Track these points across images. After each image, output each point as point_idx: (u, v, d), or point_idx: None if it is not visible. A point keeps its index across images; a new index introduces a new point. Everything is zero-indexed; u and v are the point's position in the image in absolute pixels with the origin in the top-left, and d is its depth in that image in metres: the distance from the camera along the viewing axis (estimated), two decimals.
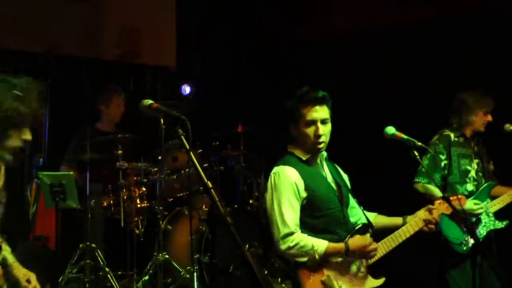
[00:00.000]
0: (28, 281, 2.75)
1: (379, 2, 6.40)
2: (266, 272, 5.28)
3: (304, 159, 3.42)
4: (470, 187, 4.55)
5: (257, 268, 2.24)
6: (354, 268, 3.35)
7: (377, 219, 3.58)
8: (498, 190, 4.63)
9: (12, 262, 2.82)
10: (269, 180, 3.41)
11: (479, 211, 4.35)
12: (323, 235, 3.32)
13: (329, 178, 3.49)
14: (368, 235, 3.36)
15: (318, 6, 6.91)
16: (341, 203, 3.45)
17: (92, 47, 8.12)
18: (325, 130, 3.35)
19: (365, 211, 3.55)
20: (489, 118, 4.57)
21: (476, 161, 4.63)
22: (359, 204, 3.56)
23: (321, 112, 3.38)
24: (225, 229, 2.23)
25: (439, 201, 3.40)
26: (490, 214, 4.47)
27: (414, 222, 3.41)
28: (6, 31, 6.33)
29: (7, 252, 2.84)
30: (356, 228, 3.40)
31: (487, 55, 5.47)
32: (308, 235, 3.28)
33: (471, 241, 3.31)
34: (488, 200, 4.55)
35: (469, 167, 4.58)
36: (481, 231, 4.36)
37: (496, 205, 4.51)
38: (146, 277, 4.93)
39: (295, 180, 3.32)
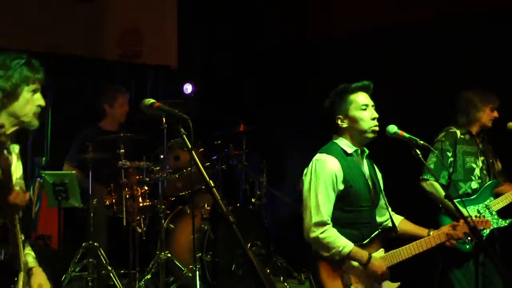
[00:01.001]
0: None
1: (378, 2, 6.32)
2: (268, 271, 5.28)
3: (348, 152, 3.42)
4: (474, 185, 4.53)
5: (259, 267, 2.23)
6: None
7: (403, 224, 3.60)
8: (502, 188, 4.60)
9: (32, 267, 2.75)
10: (310, 165, 3.40)
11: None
12: (346, 230, 3.35)
13: (367, 175, 3.48)
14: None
15: (319, 7, 6.83)
16: (372, 202, 3.48)
17: (94, 47, 8.12)
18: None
19: (392, 214, 3.57)
20: (496, 114, 4.57)
21: (481, 158, 4.60)
22: (388, 204, 3.58)
23: (369, 99, 3.45)
24: (227, 228, 2.22)
25: (463, 221, 3.38)
26: (493, 213, 4.44)
27: (438, 235, 3.43)
28: (8, 31, 6.32)
29: (30, 256, 2.78)
30: (377, 232, 3.43)
31: (487, 55, 5.40)
32: (335, 227, 3.30)
33: (474, 239, 3.29)
34: (492, 198, 4.52)
35: (474, 165, 4.56)
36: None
37: (500, 203, 4.47)
38: (149, 276, 4.93)
39: (336, 171, 3.33)
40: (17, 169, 2.71)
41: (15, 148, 2.75)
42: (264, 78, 7.09)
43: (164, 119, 5.08)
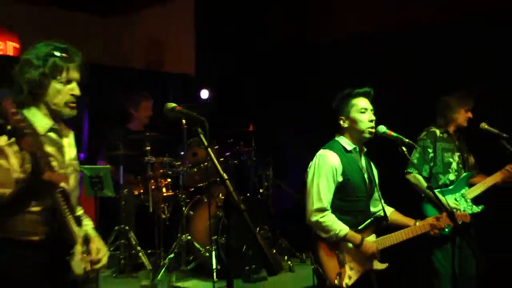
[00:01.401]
0: (98, 253, 2.59)
1: (378, 3, 6.00)
2: (274, 251, 5.30)
3: (348, 149, 3.44)
4: (452, 176, 4.56)
5: (267, 248, 2.24)
6: None
7: (393, 215, 3.62)
8: (476, 179, 4.62)
9: (93, 236, 2.67)
10: (314, 159, 3.43)
11: (457, 207, 4.37)
12: (345, 216, 3.37)
13: (364, 170, 3.50)
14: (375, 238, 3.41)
15: (319, 7, 6.56)
16: (368, 194, 3.50)
17: (123, 58, 8.17)
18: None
19: (384, 205, 3.60)
20: (470, 114, 4.58)
21: (457, 154, 4.62)
22: (382, 197, 3.60)
23: (369, 103, 3.45)
24: (239, 214, 2.24)
25: (445, 214, 3.39)
26: (468, 200, 4.46)
27: (423, 225, 3.45)
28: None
29: (88, 226, 2.71)
30: (370, 220, 3.46)
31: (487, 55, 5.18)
32: (333, 213, 3.33)
33: (452, 224, 3.31)
34: (466, 188, 4.54)
35: (451, 160, 4.58)
36: None
37: (473, 192, 4.50)
38: (172, 255, 4.95)
39: (336, 165, 3.35)
40: (70, 151, 2.64)
41: (70, 134, 2.68)
42: (267, 82, 7.00)
43: (184, 120, 5.11)
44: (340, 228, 3.30)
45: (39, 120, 2.48)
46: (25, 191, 2.26)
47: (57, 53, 2.46)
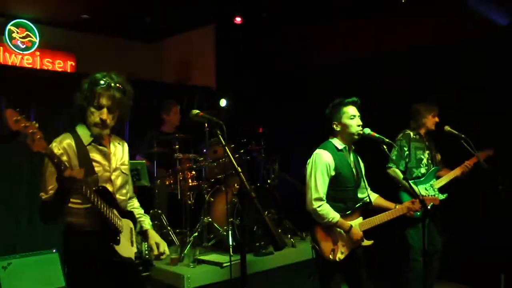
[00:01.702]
0: (158, 247, 2.70)
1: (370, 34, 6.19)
2: (279, 230, 5.27)
3: (339, 148, 3.40)
4: (422, 170, 4.57)
5: (273, 228, 2.23)
6: None
7: (377, 200, 3.60)
8: (442, 172, 4.63)
9: (147, 230, 2.77)
10: (312, 157, 3.40)
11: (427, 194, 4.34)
12: (338, 203, 3.36)
13: (352, 165, 3.46)
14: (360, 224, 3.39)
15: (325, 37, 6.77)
16: (355, 184, 3.46)
17: (159, 74, 8.21)
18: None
19: (370, 192, 3.59)
20: (436, 119, 4.60)
21: (427, 152, 4.63)
22: (368, 186, 3.59)
23: (356, 111, 3.42)
24: (251, 200, 2.21)
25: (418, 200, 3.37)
26: (436, 189, 4.49)
27: (401, 208, 3.44)
28: (102, 66, 6.41)
29: (145, 222, 2.81)
30: (358, 205, 3.44)
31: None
32: (328, 202, 3.31)
33: (422, 208, 3.33)
34: (434, 179, 4.56)
35: (422, 156, 4.59)
36: None
37: (439, 183, 4.52)
38: (196, 234, 4.93)
39: (329, 162, 3.32)
40: (117, 158, 2.67)
41: (124, 144, 2.76)
42: (275, 93, 7.04)
43: (206, 124, 5.07)
44: (333, 216, 3.28)
45: (85, 134, 2.55)
46: (59, 189, 2.29)
47: (97, 84, 2.49)
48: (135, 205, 2.94)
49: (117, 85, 2.54)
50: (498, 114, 4.97)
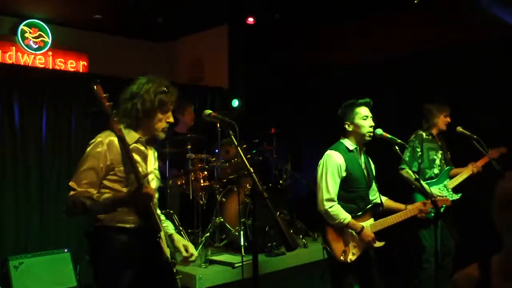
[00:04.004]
0: (187, 250, 2.70)
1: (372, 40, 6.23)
2: (291, 231, 5.28)
3: (350, 149, 3.40)
4: (436, 171, 4.54)
5: (285, 228, 2.22)
6: None
7: (387, 202, 3.58)
8: (455, 172, 4.60)
9: (172, 233, 2.77)
10: (323, 158, 3.40)
11: (441, 195, 4.31)
12: (349, 204, 3.35)
13: (363, 166, 3.46)
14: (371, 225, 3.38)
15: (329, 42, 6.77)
16: (367, 185, 3.45)
17: (171, 74, 8.25)
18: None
19: (380, 194, 3.57)
20: (448, 119, 4.59)
21: (440, 152, 4.61)
22: (378, 188, 3.57)
23: (369, 111, 3.42)
24: (263, 201, 2.22)
25: (430, 201, 3.37)
26: (449, 190, 4.47)
27: (412, 209, 3.42)
28: (114, 66, 6.49)
29: (169, 226, 2.82)
30: (369, 206, 3.44)
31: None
32: (340, 203, 3.30)
33: (434, 209, 3.33)
34: (448, 179, 4.53)
35: (435, 157, 4.57)
36: None
37: (453, 182, 4.50)
38: (208, 234, 4.96)
39: (340, 163, 3.32)
40: (152, 162, 2.73)
41: (153, 150, 2.77)
42: (287, 94, 7.03)
43: (218, 124, 5.09)
44: (345, 217, 3.28)
45: (129, 134, 2.55)
46: (126, 200, 2.39)
47: (163, 92, 2.57)
48: (157, 211, 2.97)
49: (175, 92, 2.67)
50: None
